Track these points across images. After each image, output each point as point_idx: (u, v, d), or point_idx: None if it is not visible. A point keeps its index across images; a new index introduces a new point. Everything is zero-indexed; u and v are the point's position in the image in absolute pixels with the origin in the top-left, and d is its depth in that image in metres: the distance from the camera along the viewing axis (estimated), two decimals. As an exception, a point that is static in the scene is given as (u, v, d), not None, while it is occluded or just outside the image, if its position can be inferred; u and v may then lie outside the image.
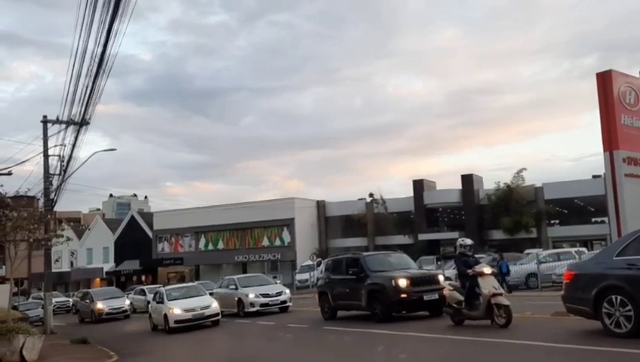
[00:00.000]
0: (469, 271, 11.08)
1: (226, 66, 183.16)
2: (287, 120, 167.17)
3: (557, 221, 44.64)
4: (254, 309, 19.64)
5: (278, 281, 27.39)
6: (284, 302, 20.33)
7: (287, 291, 21.25)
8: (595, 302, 8.47)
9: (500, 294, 10.73)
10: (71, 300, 40.94)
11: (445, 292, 12.02)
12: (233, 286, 21.25)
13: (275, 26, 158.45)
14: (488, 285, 10.74)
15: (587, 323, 9.13)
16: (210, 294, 20.66)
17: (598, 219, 40.99)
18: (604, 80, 22.31)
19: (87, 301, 28.25)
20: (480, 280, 10.86)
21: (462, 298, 11.34)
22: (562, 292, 9.52)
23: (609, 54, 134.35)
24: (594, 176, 41.33)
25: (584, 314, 8.96)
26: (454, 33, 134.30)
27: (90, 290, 31.28)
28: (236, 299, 20.43)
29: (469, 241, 11.94)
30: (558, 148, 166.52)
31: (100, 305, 26.76)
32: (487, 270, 11.03)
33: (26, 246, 20.00)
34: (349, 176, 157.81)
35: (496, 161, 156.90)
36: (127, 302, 28.27)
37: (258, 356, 10.99)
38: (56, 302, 37.61)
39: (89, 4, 10.60)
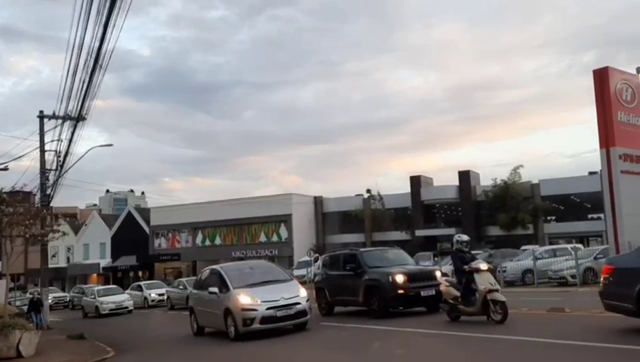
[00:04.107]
0: (466, 267, 11.13)
1: (226, 61, 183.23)
2: (288, 115, 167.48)
3: (553, 217, 44.77)
4: None
5: None
6: None
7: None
8: (638, 299, 7.83)
9: (497, 290, 10.76)
10: (68, 296, 41.03)
11: (442, 288, 12.06)
12: None
13: (276, 20, 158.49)
14: (484, 281, 10.77)
15: (583, 320, 9.13)
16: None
17: (595, 216, 41.14)
18: (601, 77, 22.32)
19: (219, 290, 12.85)
20: (476, 276, 10.88)
21: (458, 294, 11.37)
22: (600, 287, 8.90)
23: (609, 50, 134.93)
24: (590, 173, 41.56)
25: (626, 312, 8.31)
26: (456, 28, 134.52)
27: (216, 267, 14.31)
28: None
29: (465, 237, 11.97)
30: (556, 144, 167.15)
31: (245, 299, 12.18)
32: (484, 266, 11.06)
33: (22, 241, 19.97)
34: (348, 171, 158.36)
35: (496, 157, 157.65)
36: (304, 292, 12.90)
37: (256, 350, 10.98)
38: (54, 297, 37.74)
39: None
